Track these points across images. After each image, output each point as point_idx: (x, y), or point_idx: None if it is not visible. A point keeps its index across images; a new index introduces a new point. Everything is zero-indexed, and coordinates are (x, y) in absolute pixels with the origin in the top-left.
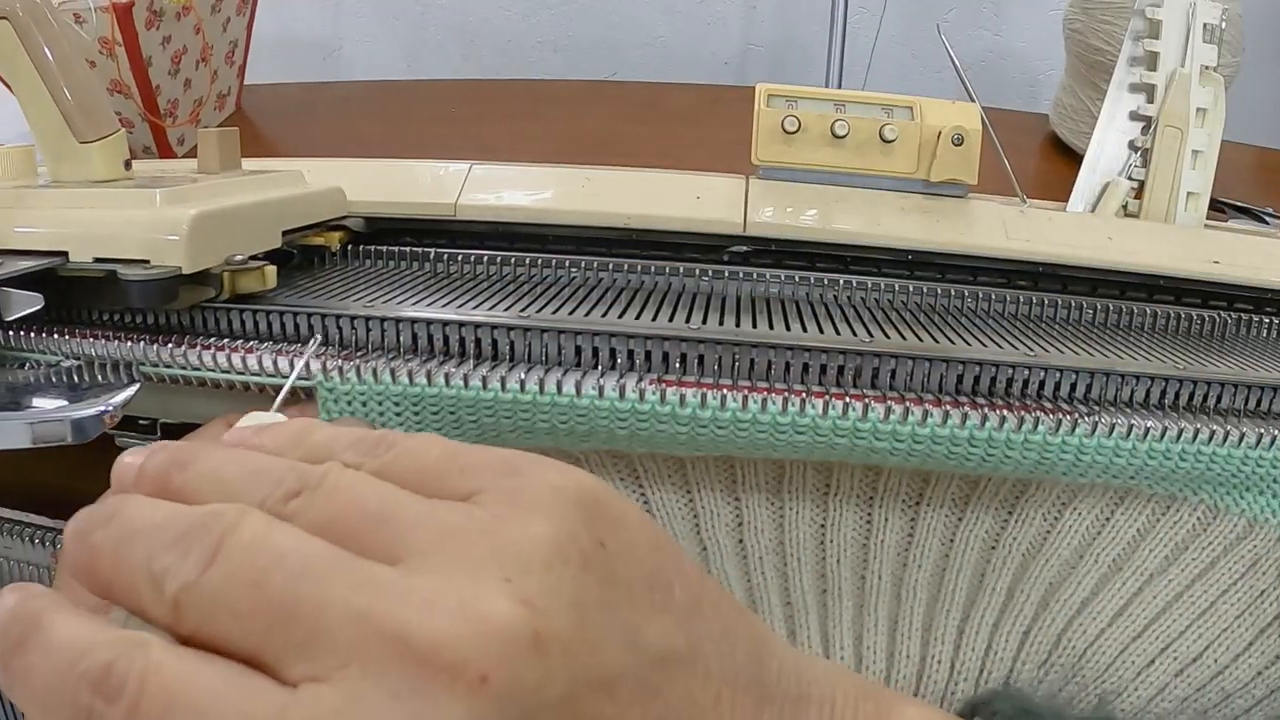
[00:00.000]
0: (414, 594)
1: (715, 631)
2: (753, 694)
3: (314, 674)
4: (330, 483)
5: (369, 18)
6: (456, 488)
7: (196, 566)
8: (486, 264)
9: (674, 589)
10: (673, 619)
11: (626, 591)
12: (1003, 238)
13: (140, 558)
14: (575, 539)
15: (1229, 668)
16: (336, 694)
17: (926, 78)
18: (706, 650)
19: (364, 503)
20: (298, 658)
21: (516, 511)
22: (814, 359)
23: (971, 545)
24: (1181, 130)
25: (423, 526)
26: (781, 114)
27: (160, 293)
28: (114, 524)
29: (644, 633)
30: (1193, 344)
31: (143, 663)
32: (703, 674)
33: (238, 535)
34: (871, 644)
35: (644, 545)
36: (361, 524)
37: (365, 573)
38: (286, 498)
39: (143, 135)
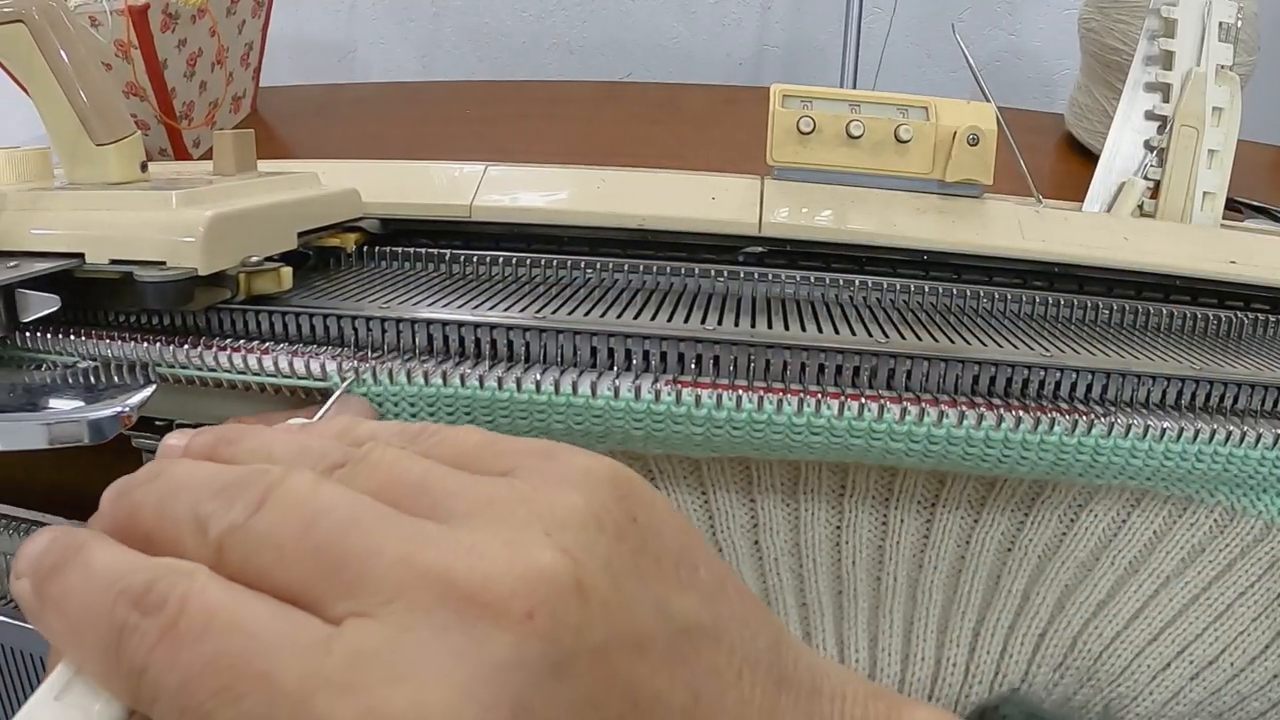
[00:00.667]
0: (460, 541)
1: (738, 614)
2: (772, 677)
3: (358, 610)
4: (375, 456)
5: (384, 20)
6: (493, 467)
7: (244, 511)
8: (502, 265)
9: (699, 570)
10: (699, 596)
11: (656, 565)
12: (1018, 238)
13: (185, 507)
14: (609, 511)
15: (1245, 670)
16: (382, 627)
17: (942, 77)
18: (730, 630)
19: (407, 474)
20: (342, 597)
21: (552, 485)
22: (829, 360)
23: (987, 547)
24: (1197, 129)
25: (464, 494)
26: (796, 114)
27: (176, 294)
28: (158, 481)
29: (672, 604)
30: (1209, 344)
31: (186, 584)
32: (726, 651)
33: (285, 486)
34: (886, 646)
35: (671, 526)
36: (404, 491)
37: (412, 525)
38: (331, 469)
39: (158, 137)
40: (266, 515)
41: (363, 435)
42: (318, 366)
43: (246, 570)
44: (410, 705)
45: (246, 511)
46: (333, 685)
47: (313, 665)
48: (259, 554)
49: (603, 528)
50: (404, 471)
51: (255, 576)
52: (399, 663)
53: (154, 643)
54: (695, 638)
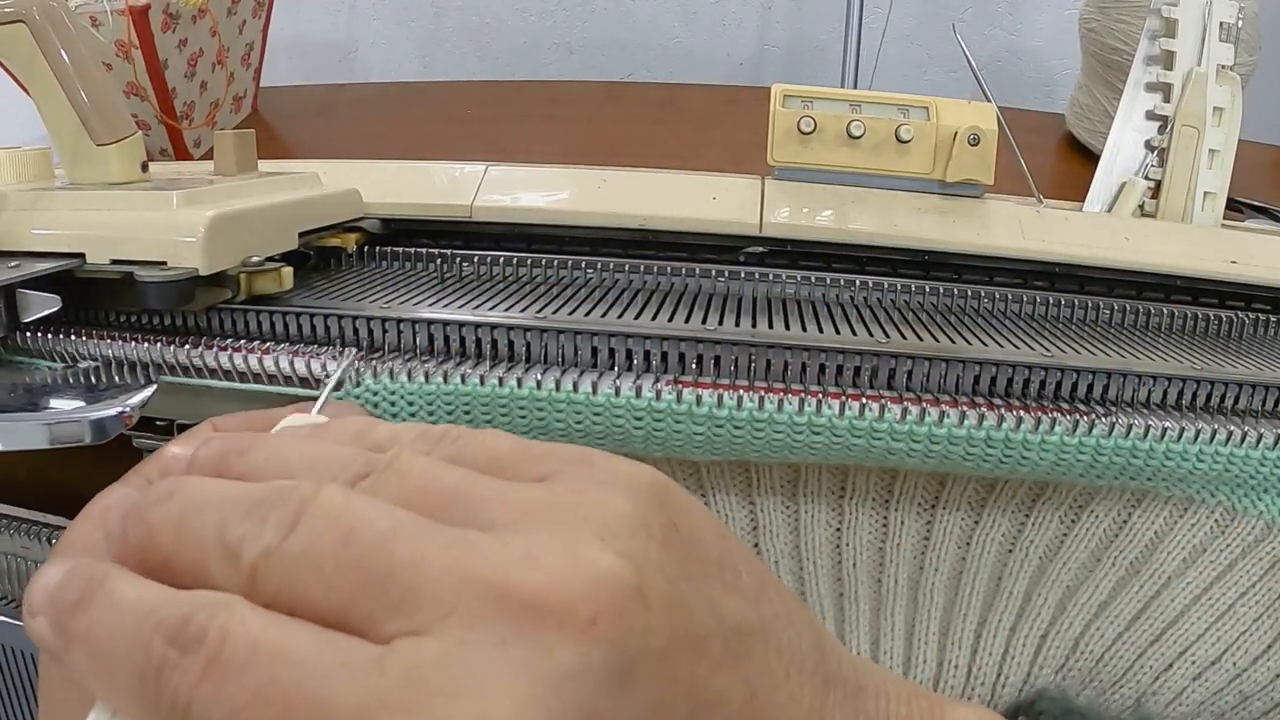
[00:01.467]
0: (512, 550)
1: (782, 614)
2: (819, 676)
3: (410, 629)
4: (402, 465)
5: (384, 20)
6: (529, 473)
7: (278, 533)
8: (503, 265)
9: (741, 573)
10: (744, 598)
11: (702, 569)
12: (1019, 238)
13: (210, 530)
14: (654, 517)
15: (1247, 670)
16: (437, 644)
17: (942, 77)
18: (777, 630)
19: (439, 482)
20: (391, 616)
21: (595, 490)
22: (830, 360)
23: (988, 548)
24: (1198, 129)
25: (504, 503)
26: (797, 114)
27: (177, 294)
28: (175, 500)
29: (722, 606)
30: (1210, 344)
31: (226, 616)
32: (775, 650)
33: (319, 503)
34: (888, 648)
35: (710, 531)
36: (440, 501)
37: (457, 535)
38: (355, 479)
39: (159, 138)
40: (302, 535)
41: (382, 439)
42: (318, 366)
43: (284, 595)
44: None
45: (280, 533)
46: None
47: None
48: (297, 577)
49: (651, 533)
50: (435, 479)
51: (294, 601)
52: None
53: (197, 679)
54: (747, 638)
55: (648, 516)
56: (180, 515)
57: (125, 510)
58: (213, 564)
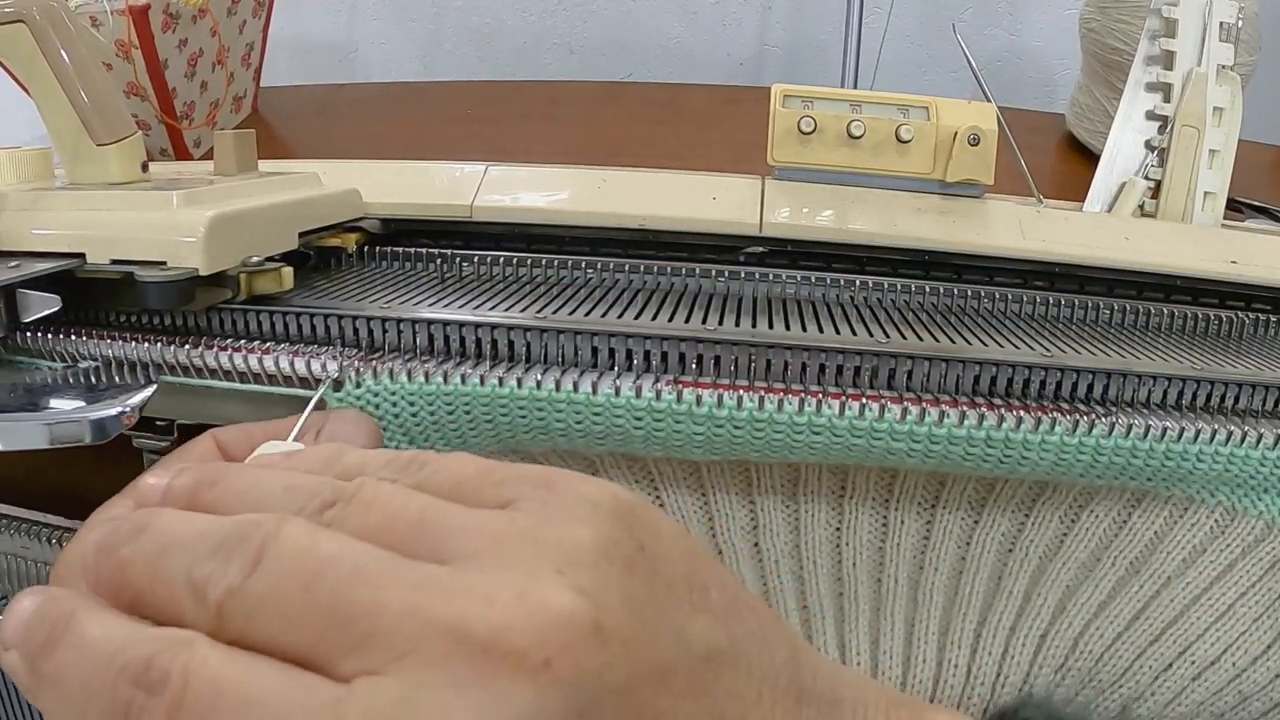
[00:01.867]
0: (470, 589)
1: (753, 632)
2: (791, 694)
3: (368, 668)
4: (367, 494)
5: (385, 20)
6: (492, 499)
7: (241, 571)
8: (503, 265)
9: (710, 591)
10: (713, 618)
11: (668, 592)
12: (1019, 238)
13: (178, 568)
14: (617, 543)
15: (1247, 670)
16: (395, 685)
17: (942, 77)
18: (747, 650)
19: (404, 511)
20: (351, 654)
21: (556, 517)
22: (830, 360)
23: (988, 548)
24: (1198, 129)
25: (466, 531)
26: (797, 114)
27: (177, 294)
28: (146, 536)
29: (689, 630)
30: (1210, 344)
31: (187, 656)
32: (745, 672)
33: (281, 540)
34: (888, 648)
35: (678, 550)
36: (403, 531)
37: (418, 572)
38: (322, 508)
39: (159, 138)
40: (264, 574)
41: (350, 466)
42: (319, 366)
43: (249, 634)
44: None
45: (243, 572)
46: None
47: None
48: (261, 616)
49: (612, 560)
50: (400, 509)
51: (259, 640)
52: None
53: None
54: (715, 663)
55: (610, 542)
56: (150, 552)
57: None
58: (182, 602)
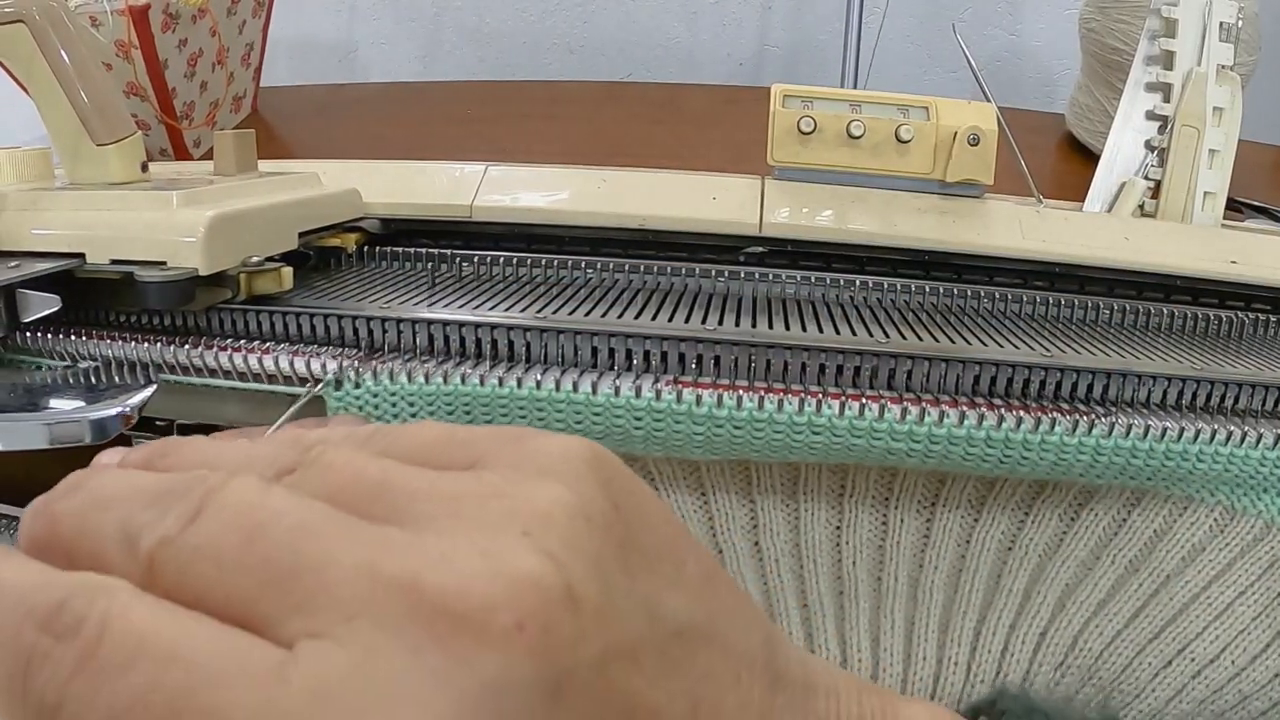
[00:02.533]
0: (429, 549)
1: (729, 609)
2: (768, 677)
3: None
4: (327, 458)
5: (384, 20)
6: (458, 459)
7: (179, 521)
8: (503, 265)
9: (687, 563)
10: (689, 594)
11: (643, 558)
12: (1019, 238)
13: (112, 520)
14: (591, 500)
15: (1246, 669)
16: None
17: (942, 77)
18: (723, 628)
19: (364, 473)
20: (294, 613)
21: (527, 475)
22: (830, 360)
23: (988, 547)
24: (1198, 129)
25: (429, 493)
26: (797, 114)
27: (177, 294)
28: (80, 492)
29: (663, 603)
30: (1210, 344)
31: (106, 602)
32: (720, 651)
33: (226, 492)
34: (888, 646)
35: (656, 515)
36: (363, 494)
37: (373, 531)
38: (280, 474)
39: (159, 138)
40: (205, 524)
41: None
42: (318, 366)
43: (182, 588)
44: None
45: (181, 521)
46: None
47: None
48: (196, 568)
49: (589, 518)
50: (359, 470)
51: (192, 595)
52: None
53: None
54: (689, 640)
55: (586, 499)
56: (85, 505)
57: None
58: (111, 555)
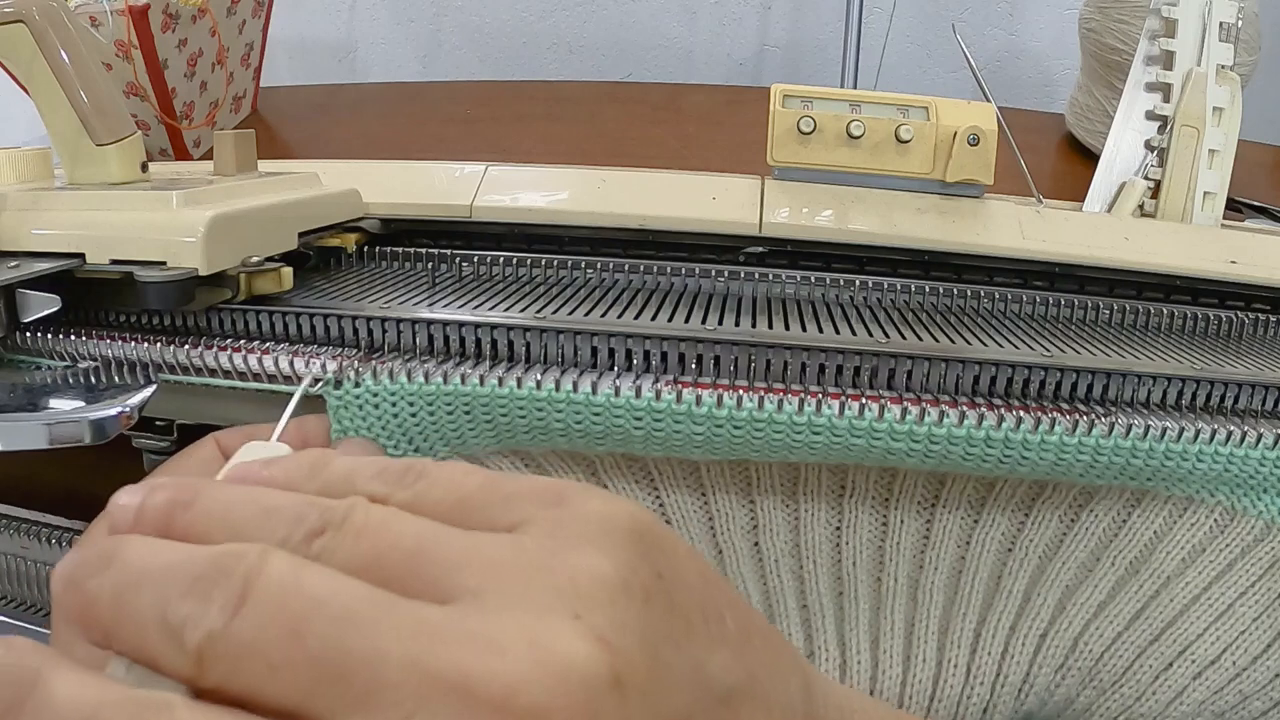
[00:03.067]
0: (477, 636)
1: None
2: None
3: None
4: (358, 520)
5: (384, 20)
6: (498, 519)
7: (222, 613)
8: (503, 265)
9: (726, 620)
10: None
11: (685, 623)
12: (1019, 238)
13: (149, 604)
14: (635, 571)
15: (1247, 670)
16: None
17: (942, 78)
18: (763, 681)
19: (399, 540)
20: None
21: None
22: (830, 360)
23: (988, 548)
24: (1198, 129)
25: (470, 563)
26: (797, 114)
27: (177, 294)
28: (113, 568)
29: (707, 667)
30: (1210, 344)
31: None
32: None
33: (265, 577)
34: (888, 648)
35: (694, 575)
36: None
37: (417, 615)
38: (310, 537)
39: (159, 138)
40: (249, 617)
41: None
42: (319, 366)
43: (235, 685)
44: None
45: (225, 614)
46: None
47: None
48: (247, 666)
49: (632, 594)
50: (396, 539)
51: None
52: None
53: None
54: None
55: (628, 572)
56: (117, 586)
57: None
58: (155, 644)
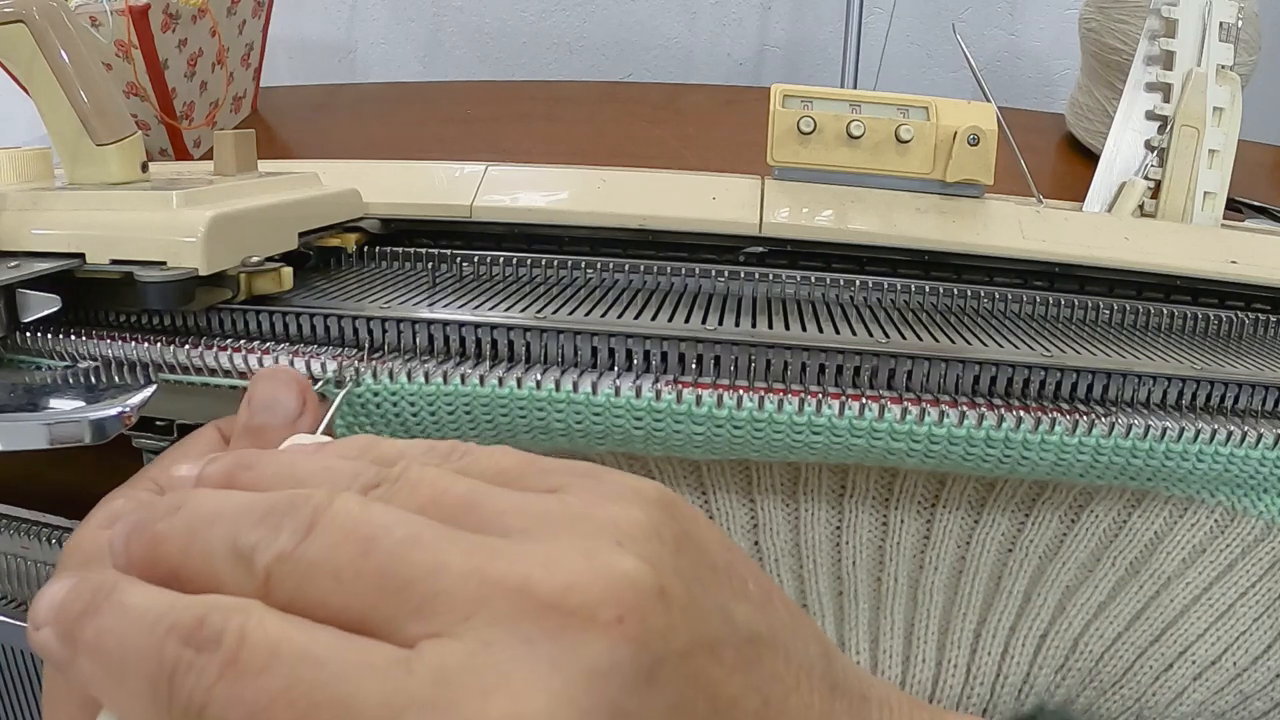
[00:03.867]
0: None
1: (789, 624)
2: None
3: (433, 631)
4: (413, 475)
5: (384, 20)
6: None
7: (293, 538)
8: (503, 265)
9: (748, 583)
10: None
11: (712, 575)
12: (1019, 238)
13: (221, 536)
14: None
15: (1248, 670)
16: (463, 645)
17: (942, 78)
18: (785, 639)
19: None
20: (413, 621)
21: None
22: (830, 360)
23: (988, 548)
24: (1198, 129)
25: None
26: (797, 114)
27: (177, 294)
28: (184, 512)
29: (734, 612)
30: (1210, 344)
31: (241, 618)
32: (784, 659)
33: (334, 509)
34: (888, 648)
35: (717, 542)
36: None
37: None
38: (366, 489)
39: (159, 138)
40: (318, 540)
41: (389, 454)
42: (318, 366)
43: (301, 601)
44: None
45: (295, 538)
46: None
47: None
48: (314, 582)
49: (664, 540)
50: (447, 488)
51: (311, 606)
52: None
53: (214, 679)
54: (758, 644)
55: (660, 524)
56: (188, 525)
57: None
58: (223, 572)
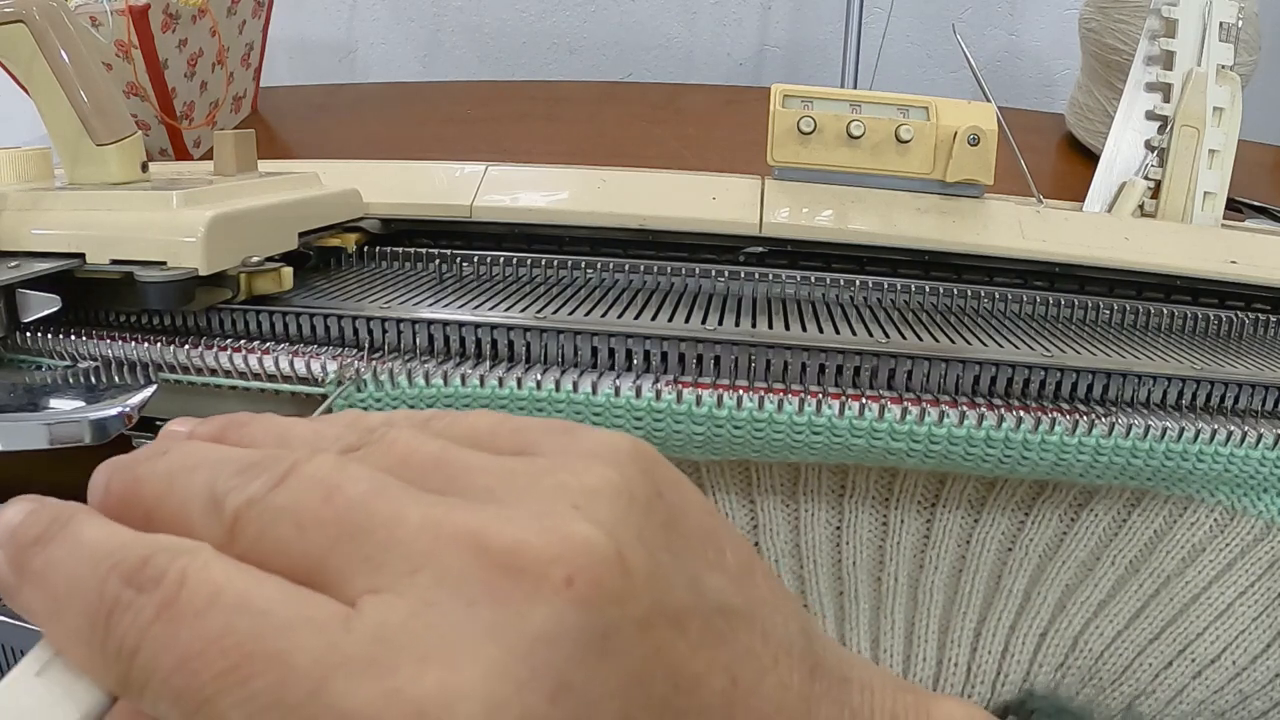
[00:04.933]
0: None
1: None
2: (807, 663)
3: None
4: (390, 436)
5: (384, 20)
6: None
7: (264, 486)
8: (503, 265)
9: (726, 553)
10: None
11: (685, 541)
12: (1019, 238)
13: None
14: (636, 482)
15: (1247, 669)
16: (405, 603)
17: (942, 78)
18: (763, 615)
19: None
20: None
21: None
22: (830, 360)
23: (988, 547)
24: (1198, 129)
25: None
26: (797, 114)
27: (177, 294)
28: (168, 457)
29: (705, 581)
30: (1210, 345)
31: (187, 560)
32: (761, 634)
33: (311, 464)
34: (888, 647)
35: (696, 505)
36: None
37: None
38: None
39: (159, 138)
40: (288, 489)
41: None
42: (318, 366)
43: (261, 547)
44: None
45: (267, 486)
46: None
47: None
48: (276, 529)
49: (633, 498)
50: (419, 447)
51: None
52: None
53: (149, 620)
54: (730, 617)
55: (631, 482)
56: (170, 470)
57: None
58: (195, 515)
